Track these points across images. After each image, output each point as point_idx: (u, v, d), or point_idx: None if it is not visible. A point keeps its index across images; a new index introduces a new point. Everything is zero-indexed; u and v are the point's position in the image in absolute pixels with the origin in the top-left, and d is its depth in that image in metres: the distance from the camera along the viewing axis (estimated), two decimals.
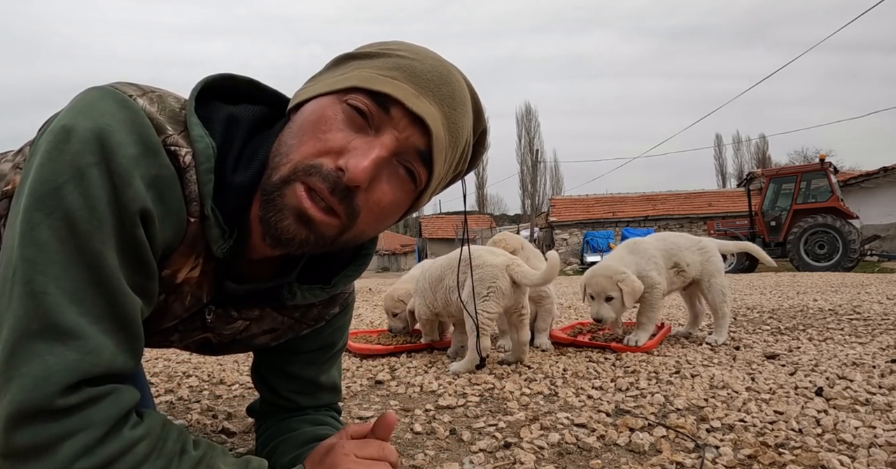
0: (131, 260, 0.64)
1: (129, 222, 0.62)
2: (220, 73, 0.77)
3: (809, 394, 1.54)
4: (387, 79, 0.68)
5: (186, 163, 0.67)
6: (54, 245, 0.59)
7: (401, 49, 0.73)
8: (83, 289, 0.59)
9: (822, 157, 12.08)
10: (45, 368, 0.56)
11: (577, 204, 23.56)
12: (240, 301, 0.85)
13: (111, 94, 0.65)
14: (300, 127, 0.69)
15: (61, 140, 0.60)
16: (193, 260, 0.73)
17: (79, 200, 0.59)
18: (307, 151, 0.67)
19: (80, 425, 0.58)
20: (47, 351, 0.57)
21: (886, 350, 2.16)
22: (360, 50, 0.76)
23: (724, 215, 18.34)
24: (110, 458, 0.59)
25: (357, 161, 0.65)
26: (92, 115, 0.62)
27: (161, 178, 0.64)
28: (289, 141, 0.69)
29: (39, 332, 0.57)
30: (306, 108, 0.71)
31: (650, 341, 2.33)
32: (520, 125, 45.89)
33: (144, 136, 0.63)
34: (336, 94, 0.69)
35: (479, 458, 1.14)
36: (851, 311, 3.46)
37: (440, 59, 0.75)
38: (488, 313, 1.92)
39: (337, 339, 1.06)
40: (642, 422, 1.33)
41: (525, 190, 40.77)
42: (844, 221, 10.92)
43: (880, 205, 14.47)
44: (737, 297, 4.92)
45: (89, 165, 0.60)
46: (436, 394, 1.68)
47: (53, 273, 0.58)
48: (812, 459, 1.07)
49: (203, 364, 2.27)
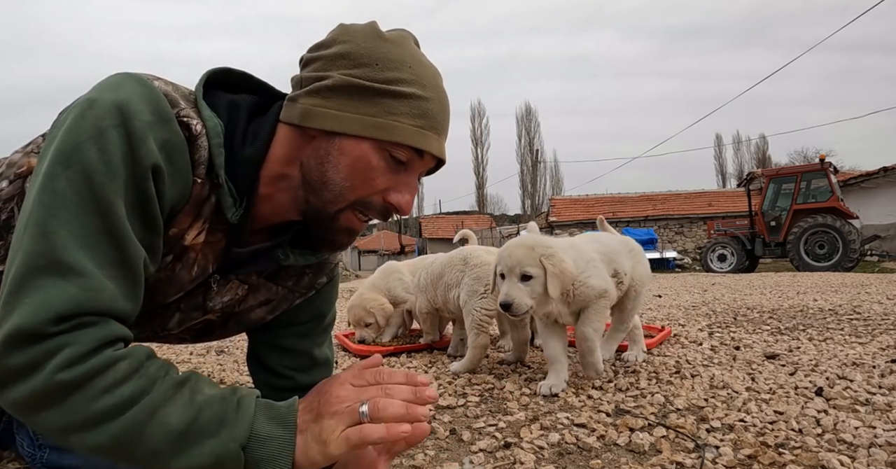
0: (141, 212, 0.71)
1: (141, 176, 0.69)
2: (220, 67, 0.88)
3: (809, 394, 1.54)
4: (420, 132, 0.83)
5: (197, 131, 0.76)
6: (69, 194, 0.66)
7: (413, 82, 0.83)
8: (91, 234, 0.66)
9: (822, 157, 12.07)
10: (46, 299, 0.62)
11: (577, 204, 23.57)
12: (241, 265, 0.92)
13: (132, 75, 0.75)
14: (349, 170, 0.81)
15: (85, 108, 0.69)
16: (200, 224, 0.81)
17: (96, 155, 0.67)
18: (361, 193, 0.83)
19: (67, 341, 0.62)
20: (50, 284, 0.63)
21: (886, 350, 2.16)
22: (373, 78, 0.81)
23: (724, 215, 18.34)
24: (91, 372, 0.62)
25: (404, 198, 0.85)
26: (114, 89, 0.71)
27: (172, 143, 0.73)
28: (339, 182, 0.82)
29: (45, 268, 0.63)
30: (348, 149, 0.81)
31: (650, 341, 2.33)
32: (520, 125, 45.84)
33: (159, 107, 0.73)
34: (379, 143, 0.81)
35: (479, 458, 1.14)
36: (851, 311, 3.46)
37: (436, 79, 0.87)
38: (486, 310, 1.95)
39: (327, 310, 1.13)
40: (642, 422, 1.33)
41: (525, 190, 40.73)
42: (844, 221, 10.92)
43: (880, 205, 14.47)
44: (737, 297, 4.92)
45: (108, 127, 0.68)
46: None
47: (65, 218, 0.65)
48: (812, 459, 1.07)
49: (203, 364, 2.27)
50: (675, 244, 20.02)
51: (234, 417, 0.68)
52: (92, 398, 0.62)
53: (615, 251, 1.92)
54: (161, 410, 0.65)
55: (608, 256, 1.88)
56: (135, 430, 0.63)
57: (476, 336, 1.96)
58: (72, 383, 0.62)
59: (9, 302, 0.62)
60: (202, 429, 0.66)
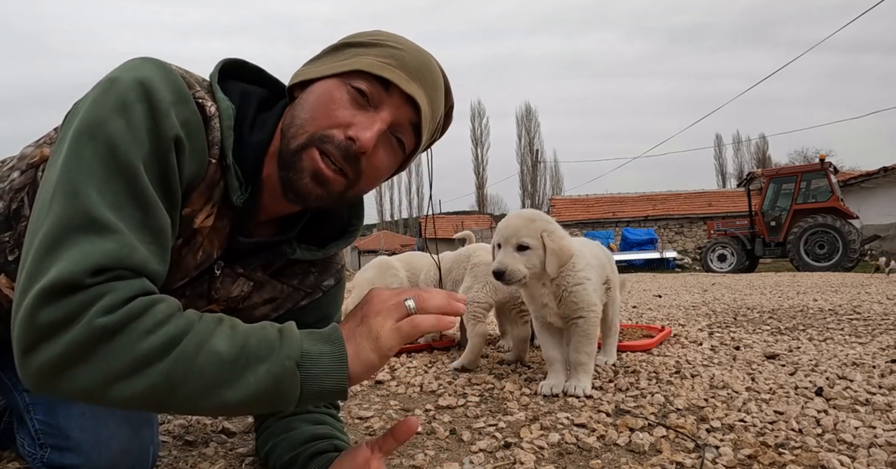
0: (163, 183, 0.72)
1: (165, 147, 0.71)
2: (234, 58, 0.90)
3: (809, 394, 1.54)
4: (385, 65, 0.83)
5: (212, 112, 0.78)
6: (96, 162, 0.66)
7: (390, 39, 0.87)
8: (120, 198, 0.66)
9: (822, 157, 12.07)
10: (83, 253, 0.62)
11: (577, 204, 23.57)
12: (247, 256, 0.93)
13: (149, 58, 0.77)
14: (312, 104, 0.82)
15: (108, 86, 0.71)
16: (210, 207, 0.82)
17: (122, 126, 0.68)
18: (320, 124, 0.81)
19: (104, 290, 0.62)
20: (87, 241, 0.63)
21: (886, 350, 2.16)
22: (355, 39, 0.88)
23: (724, 215, 18.33)
24: (133, 315, 0.62)
25: (364, 132, 0.80)
26: (135, 69, 0.73)
27: (190, 121, 0.75)
28: (302, 115, 0.82)
29: (80, 227, 0.63)
30: (315, 88, 0.84)
31: (650, 341, 2.33)
32: (520, 125, 45.82)
33: (177, 88, 0.75)
34: (341, 77, 0.83)
35: (479, 458, 1.14)
36: (851, 311, 3.46)
37: (421, 49, 0.90)
38: (478, 302, 2.02)
39: (333, 312, 1.13)
40: (642, 422, 1.33)
41: (525, 190, 40.72)
42: (844, 221, 10.92)
43: (880, 205, 14.47)
44: (737, 297, 4.92)
45: (134, 101, 0.69)
46: (436, 394, 1.68)
47: (94, 182, 0.65)
48: (812, 459, 1.07)
49: None
50: (675, 244, 20.01)
51: (280, 340, 0.68)
52: (137, 339, 0.61)
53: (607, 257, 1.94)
54: (208, 342, 0.64)
55: (600, 261, 1.86)
56: (186, 364, 0.62)
57: (473, 326, 2.01)
58: (113, 327, 0.60)
59: (44, 259, 0.61)
60: (252, 353, 0.66)
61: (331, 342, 0.70)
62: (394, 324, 0.71)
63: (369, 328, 0.70)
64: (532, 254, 1.53)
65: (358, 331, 0.71)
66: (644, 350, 2.26)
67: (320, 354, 0.68)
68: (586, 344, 1.64)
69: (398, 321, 0.71)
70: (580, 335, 1.64)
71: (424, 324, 0.71)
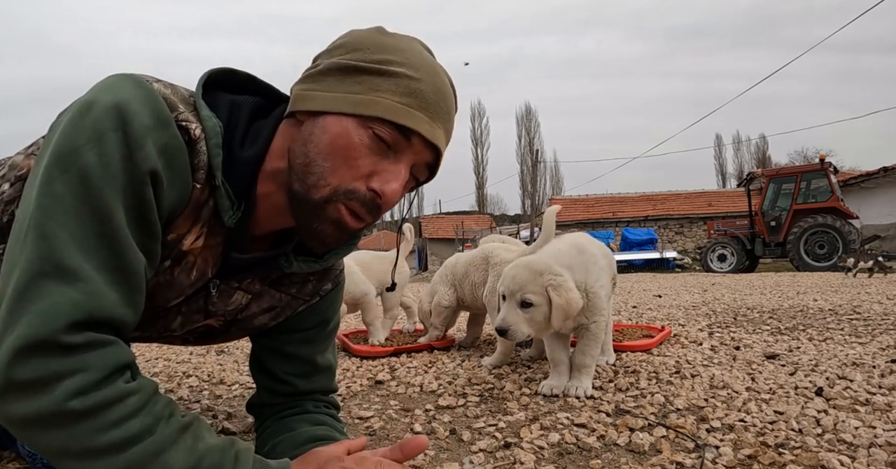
0: (139, 218, 0.70)
1: (139, 180, 0.68)
2: (223, 67, 0.87)
3: (809, 394, 1.54)
4: (406, 109, 0.78)
5: (196, 135, 0.75)
6: (68, 197, 0.65)
7: (402, 62, 0.80)
8: (90, 238, 0.65)
9: (822, 157, 12.08)
10: (53, 305, 0.61)
11: (577, 204, 23.57)
12: (242, 271, 0.91)
13: (130, 76, 0.74)
14: (330, 150, 0.77)
15: (84, 111, 0.68)
16: (199, 228, 0.80)
17: (95, 159, 0.66)
18: (343, 177, 0.78)
19: (79, 366, 0.61)
20: (56, 291, 0.62)
21: (886, 350, 2.16)
22: (362, 59, 0.80)
23: (724, 215, 18.34)
24: (102, 403, 0.62)
25: (389, 186, 0.79)
26: (112, 91, 0.70)
27: (171, 147, 0.72)
28: (321, 162, 0.78)
29: (49, 273, 0.62)
30: (329, 125, 0.78)
31: (650, 341, 2.33)
32: (520, 125, 45.89)
33: (157, 110, 0.71)
34: (360, 120, 0.78)
35: (479, 458, 1.14)
36: (851, 311, 3.46)
37: (434, 67, 0.84)
38: None
39: (331, 316, 1.12)
40: (642, 422, 1.33)
41: (525, 190, 40.78)
42: (844, 221, 10.93)
43: (880, 205, 14.48)
44: (737, 297, 4.92)
45: (107, 130, 0.67)
46: (436, 394, 1.68)
47: (64, 221, 0.64)
48: (812, 459, 1.07)
49: (203, 364, 2.27)
50: (675, 244, 20.01)
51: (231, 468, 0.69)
52: (100, 430, 0.62)
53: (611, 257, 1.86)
54: (165, 453, 0.65)
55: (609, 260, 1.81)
56: (138, 465, 0.63)
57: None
58: (82, 412, 0.61)
59: (15, 309, 0.61)
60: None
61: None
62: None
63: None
64: (536, 310, 1.50)
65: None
66: (644, 350, 2.26)
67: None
68: (592, 347, 1.64)
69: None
70: (588, 339, 1.65)
71: None
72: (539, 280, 1.50)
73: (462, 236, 24.15)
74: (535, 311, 1.50)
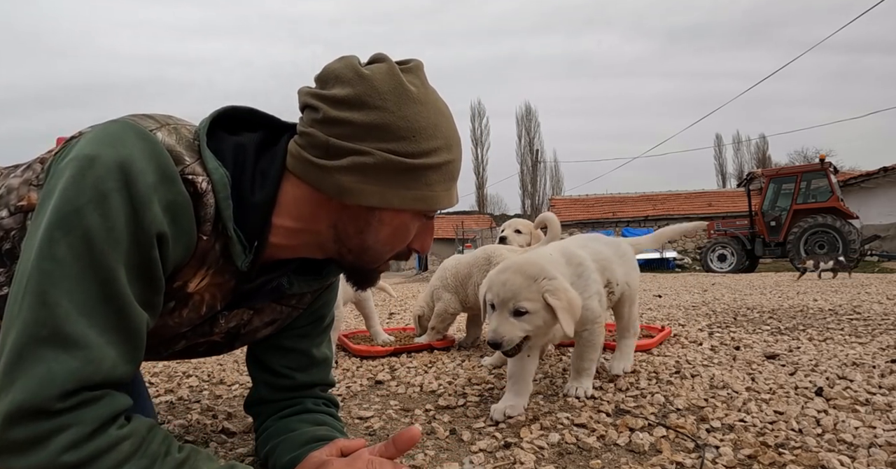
0: (144, 277, 0.70)
1: (146, 243, 0.68)
2: (224, 107, 0.87)
3: (809, 394, 1.54)
4: (449, 192, 0.89)
5: (203, 188, 0.75)
6: (70, 260, 0.64)
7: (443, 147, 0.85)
8: (93, 303, 0.64)
9: (822, 157, 12.09)
10: (49, 372, 0.61)
11: (577, 204, 23.58)
12: (249, 298, 0.93)
13: (131, 126, 0.72)
14: (389, 240, 0.88)
15: (85, 166, 0.66)
16: (204, 271, 0.80)
17: (98, 221, 0.65)
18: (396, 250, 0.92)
19: (71, 422, 0.62)
20: (52, 357, 0.62)
21: (886, 350, 2.16)
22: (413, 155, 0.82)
23: (724, 215, 18.34)
24: (95, 453, 0.63)
25: (426, 244, 0.94)
26: (114, 144, 0.68)
27: (176, 204, 0.71)
28: (379, 247, 0.89)
29: (47, 339, 0.62)
30: (389, 220, 0.86)
31: (650, 341, 2.33)
32: (520, 125, 45.79)
33: (163, 166, 0.71)
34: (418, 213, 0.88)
35: (479, 458, 1.14)
36: (851, 311, 3.46)
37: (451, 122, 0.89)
38: None
39: (326, 313, 1.14)
40: (642, 422, 1.33)
41: (525, 190, 40.68)
42: (844, 221, 10.93)
43: (880, 205, 14.47)
44: (737, 297, 4.92)
45: (111, 190, 0.66)
46: (436, 394, 1.68)
47: (67, 286, 0.63)
48: (812, 459, 1.07)
49: (203, 364, 2.27)
50: (675, 244, 20.00)
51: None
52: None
53: (607, 258, 1.73)
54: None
55: (601, 264, 1.68)
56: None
57: None
58: (76, 464, 0.62)
59: (9, 372, 0.62)
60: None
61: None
62: None
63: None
64: (532, 317, 1.35)
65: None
66: (644, 350, 2.26)
67: None
68: (591, 352, 1.59)
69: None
70: (585, 345, 1.58)
71: None
72: (534, 287, 1.36)
73: (462, 236, 24.14)
74: (531, 318, 1.36)
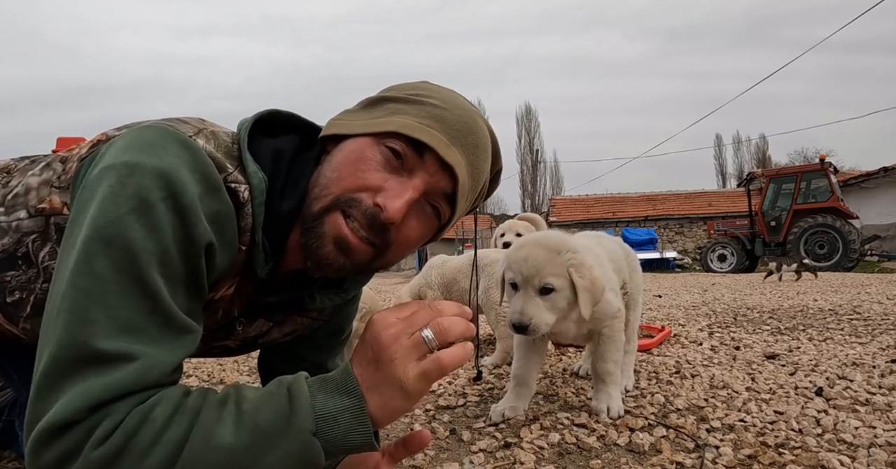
0: (190, 288, 0.67)
1: (195, 254, 0.65)
2: (268, 110, 0.83)
3: (809, 394, 1.54)
4: (423, 127, 0.75)
5: (244, 198, 0.72)
6: (112, 275, 0.60)
7: (432, 96, 0.80)
8: (139, 318, 0.61)
9: (822, 157, 12.09)
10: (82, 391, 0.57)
11: (577, 204, 23.57)
12: (268, 310, 0.90)
13: (170, 133, 0.68)
14: (341, 163, 0.76)
15: (125, 175, 0.62)
16: (231, 279, 0.78)
17: (142, 232, 0.61)
18: (347, 186, 0.74)
19: (101, 419, 0.57)
20: (86, 377, 0.58)
21: (886, 350, 2.16)
22: (395, 93, 0.81)
23: (724, 215, 18.34)
24: (126, 437, 0.57)
25: (393, 201, 0.73)
26: (156, 152, 0.65)
27: (221, 214, 0.69)
28: (328, 174, 0.75)
29: (83, 360, 0.58)
30: (346, 146, 0.77)
31: (650, 341, 2.33)
32: (520, 125, 45.75)
33: (207, 175, 0.67)
34: (375, 137, 0.76)
35: (479, 458, 1.14)
36: (851, 311, 3.46)
37: (466, 106, 0.82)
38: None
39: (345, 326, 1.11)
40: (642, 422, 1.33)
41: (525, 190, 40.68)
42: (844, 221, 10.94)
43: (880, 205, 14.47)
44: (737, 297, 4.92)
45: (157, 200, 0.62)
46: (436, 394, 1.68)
47: (109, 303, 0.59)
48: (812, 459, 1.07)
49: (203, 364, 2.27)
50: (675, 244, 20.01)
51: (290, 409, 0.61)
52: (140, 457, 0.57)
53: (620, 258, 1.63)
54: (214, 436, 0.59)
55: (616, 264, 1.57)
56: (197, 466, 0.58)
57: (504, 328, 2.03)
58: (110, 456, 0.56)
59: (46, 394, 0.58)
60: (265, 434, 0.60)
61: (347, 393, 0.64)
62: (417, 367, 0.63)
63: (391, 376, 0.63)
64: (558, 296, 1.23)
65: (377, 378, 0.64)
66: (644, 350, 2.26)
67: (339, 411, 0.62)
68: (613, 351, 1.44)
69: (420, 360, 0.64)
70: (606, 343, 1.44)
71: (452, 362, 0.63)
72: (558, 260, 1.23)
73: (462, 236, 24.14)
74: (557, 296, 1.23)
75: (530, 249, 1.26)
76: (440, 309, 0.67)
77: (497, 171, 0.89)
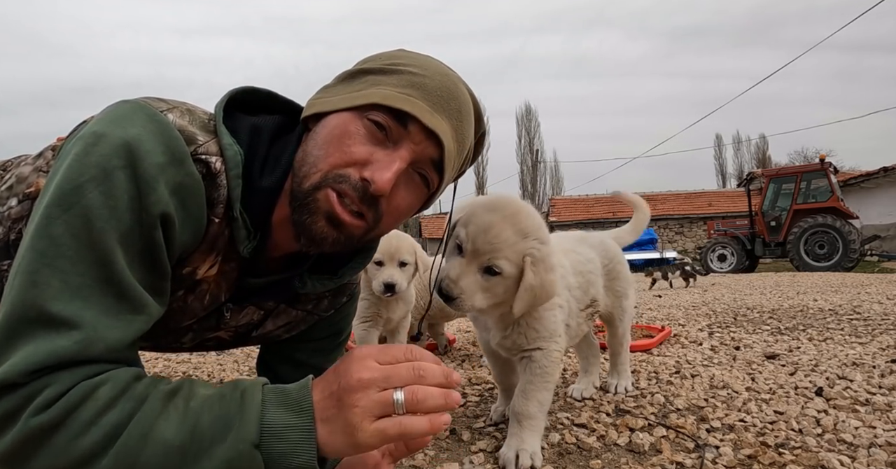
0: (147, 260, 0.66)
1: (149, 224, 0.64)
2: (244, 87, 0.82)
3: (809, 394, 1.54)
4: (404, 96, 0.75)
5: (217, 169, 0.71)
6: (67, 239, 0.60)
7: (411, 64, 0.79)
8: (89, 285, 0.61)
9: (822, 157, 12.08)
10: (27, 353, 0.57)
11: (577, 204, 23.59)
12: (256, 294, 0.89)
13: (142, 107, 0.69)
14: (326, 139, 0.75)
15: (90, 144, 0.63)
16: (213, 257, 0.77)
17: (99, 199, 0.61)
18: (335, 162, 0.74)
19: (44, 385, 0.57)
20: (40, 337, 0.58)
21: (886, 350, 2.16)
22: (372, 65, 0.81)
23: (724, 215, 18.35)
24: (69, 408, 0.57)
25: (381, 173, 0.73)
26: (123, 124, 0.65)
27: (185, 186, 0.68)
28: (315, 152, 0.75)
29: (33, 321, 0.58)
30: (329, 122, 0.77)
31: (650, 341, 2.33)
32: (520, 125, 45.77)
33: (172, 146, 0.67)
34: (357, 111, 0.75)
35: (478, 458, 1.14)
36: (851, 311, 3.46)
37: (446, 71, 0.82)
38: None
39: (344, 327, 1.11)
40: (642, 422, 1.33)
41: (525, 190, 40.68)
42: (844, 221, 10.93)
43: (880, 205, 14.47)
44: (737, 297, 4.92)
45: (115, 168, 0.62)
46: None
47: (61, 266, 0.60)
48: (812, 459, 1.07)
49: (203, 364, 2.27)
50: (675, 244, 20.03)
51: (238, 415, 0.60)
52: (76, 435, 0.56)
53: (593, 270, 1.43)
54: (154, 429, 0.58)
55: (586, 278, 1.37)
56: (130, 457, 0.57)
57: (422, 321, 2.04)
58: (49, 424, 0.56)
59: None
60: (205, 437, 0.59)
61: (299, 412, 0.61)
62: (375, 424, 0.61)
63: (347, 421, 0.60)
64: (501, 281, 1.07)
65: (333, 416, 0.61)
66: (644, 350, 2.26)
67: (287, 428, 0.60)
68: (540, 388, 1.19)
69: (381, 416, 0.61)
70: (533, 373, 1.19)
71: (413, 432, 0.61)
72: (520, 244, 1.07)
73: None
74: (499, 280, 1.07)
75: (497, 221, 1.08)
76: (423, 374, 0.64)
77: (482, 133, 0.89)
